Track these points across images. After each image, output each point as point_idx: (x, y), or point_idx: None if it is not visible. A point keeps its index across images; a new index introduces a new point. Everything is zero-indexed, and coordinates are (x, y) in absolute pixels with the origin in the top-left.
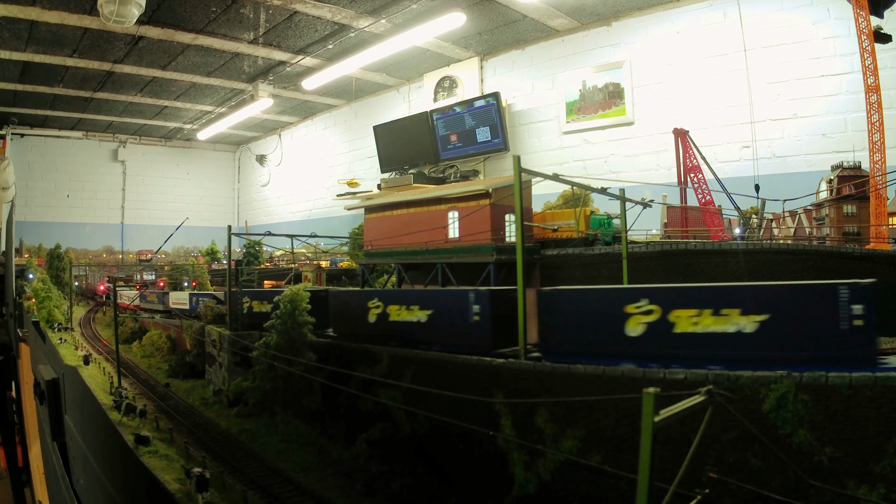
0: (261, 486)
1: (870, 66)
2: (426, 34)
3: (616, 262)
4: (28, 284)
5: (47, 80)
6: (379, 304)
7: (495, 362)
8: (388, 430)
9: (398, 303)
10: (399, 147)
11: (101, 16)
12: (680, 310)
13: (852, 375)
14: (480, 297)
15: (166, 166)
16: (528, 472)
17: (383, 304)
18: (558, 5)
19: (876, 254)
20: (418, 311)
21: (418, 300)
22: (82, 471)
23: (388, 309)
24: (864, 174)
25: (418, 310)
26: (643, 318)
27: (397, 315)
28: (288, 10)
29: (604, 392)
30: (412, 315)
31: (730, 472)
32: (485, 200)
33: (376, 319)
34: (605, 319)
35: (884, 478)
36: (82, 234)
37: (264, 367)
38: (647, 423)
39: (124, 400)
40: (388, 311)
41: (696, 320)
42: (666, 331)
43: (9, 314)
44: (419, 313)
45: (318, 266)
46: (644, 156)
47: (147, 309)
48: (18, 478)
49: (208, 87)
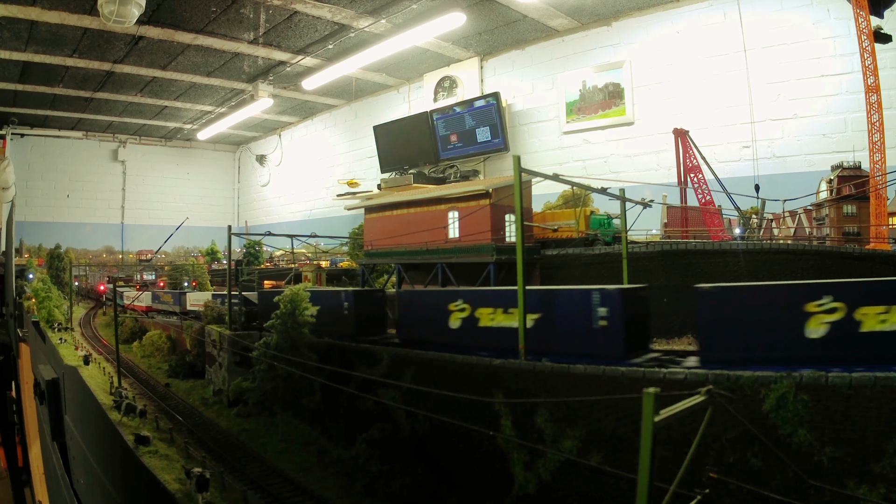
0: (261, 486)
1: (870, 66)
2: (426, 34)
3: (616, 262)
4: (28, 284)
5: (47, 80)
6: (465, 306)
7: (495, 362)
8: (388, 430)
9: (492, 305)
10: (399, 147)
11: (101, 16)
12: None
13: (852, 375)
14: (609, 298)
15: (166, 166)
16: (528, 472)
17: (470, 306)
18: (558, 5)
19: (876, 254)
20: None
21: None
22: (82, 471)
23: (478, 313)
24: (864, 174)
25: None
26: (826, 318)
27: (490, 320)
28: (288, 10)
29: (604, 392)
30: (511, 320)
31: (730, 472)
32: (485, 200)
33: (461, 325)
34: None
35: (884, 478)
36: (82, 234)
37: (264, 367)
38: (647, 423)
39: (124, 400)
40: (476, 315)
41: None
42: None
43: (9, 314)
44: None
45: (318, 266)
46: (644, 156)
47: (161, 311)
48: (18, 478)
49: (208, 87)
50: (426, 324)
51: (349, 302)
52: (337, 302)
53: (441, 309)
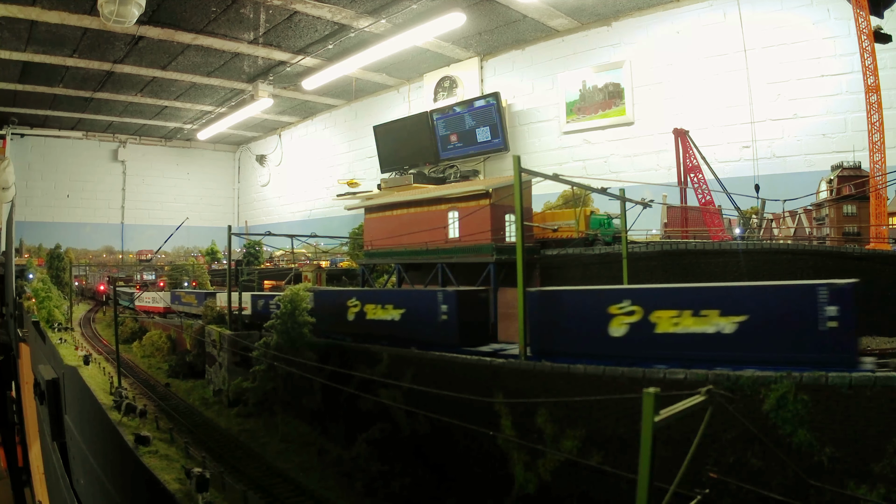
0: (261, 486)
1: (870, 66)
2: (426, 34)
3: (616, 262)
4: (28, 284)
5: (47, 80)
6: (634, 308)
7: (495, 362)
8: (388, 430)
9: (672, 306)
10: (399, 147)
11: (101, 16)
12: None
13: (852, 375)
14: (836, 295)
15: (166, 166)
16: (528, 472)
17: (642, 308)
18: (558, 5)
19: (876, 254)
20: (718, 318)
21: (715, 299)
22: (82, 471)
23: (654, 316)
24: (864, 174)
25: (718, 315)
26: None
27: (672, 325)
28: (288, 10)
29: (604, 392)
30: (704, 324)
31: (730, 472)
32: (485, 200)
33: (628, 331)
34: None
35: (884, 478)
36: (82, 234)
37: (264, 367)
38: (647, 423)
39: (124, 400)
40: (651, 318)
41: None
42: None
43: (9, 314)
44: (719, 320)
45: (318, 266)
46: (644, 156)
47: (183, 313)
48: (18, 478)
49: (208, 87)
50: (574, 331)
51: (449, 304)
52: (428, 304)
53: (597, 312)
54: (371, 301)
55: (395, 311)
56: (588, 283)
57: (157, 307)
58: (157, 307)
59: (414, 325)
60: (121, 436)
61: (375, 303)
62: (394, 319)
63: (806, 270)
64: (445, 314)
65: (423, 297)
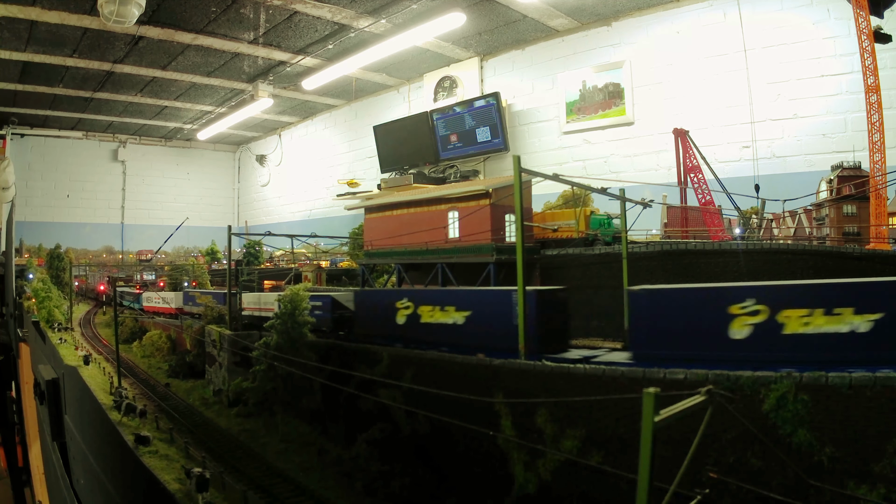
0: (261, 486)
1: (870, 66)
2: (426, 34)
3: (616, 262)
4: (28, 284)
5: (47, 80)
6: (758, 308)
7: (495, 362)
8: (388, 430)
9: (803, 305)
10: (399, 147)
11: (101, 16)
12: None
13: (852, 375)
14: None
15: (166, 166)
16: (528, 472)
17: (768, 307)
18: (558, 5)
19: (876, 254)
20: (853, 317)
21: (849, 296)
22: (82, 471)
23: (782, 316)
24: (864, 174)
25: (852, 314)
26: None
27: (802, 325)
28: (288, 10)
29: (604, 392)
30: (838, 323)
31: (730, 472)
32: (485, 200)
33: (752, 332)
34: None
35: (884, 478)
36: (82, 234)
37: (264, 367)
38: (647, 423)
39: (124, 400)
40: (778, 318)
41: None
42: None
43: (9, 314)
44: (853, 319)
45: (319, 266)
46: (644, 156)
47: (198, 315)
48: (18, 478)
49: (208, 87)
50: (687, 333)
51: (527, 306)
52: (499, 306)
53: (716, 312)
54: (427, 302)
55: (458, 314)
56: (588, 283)
57: (167, 308)
58: (167, 308)
59: (482, 329)
60: (121, 436)
61: (433, 304)
62: (456, 323)
63: (806, 270)
64: None
65: (494, 298)
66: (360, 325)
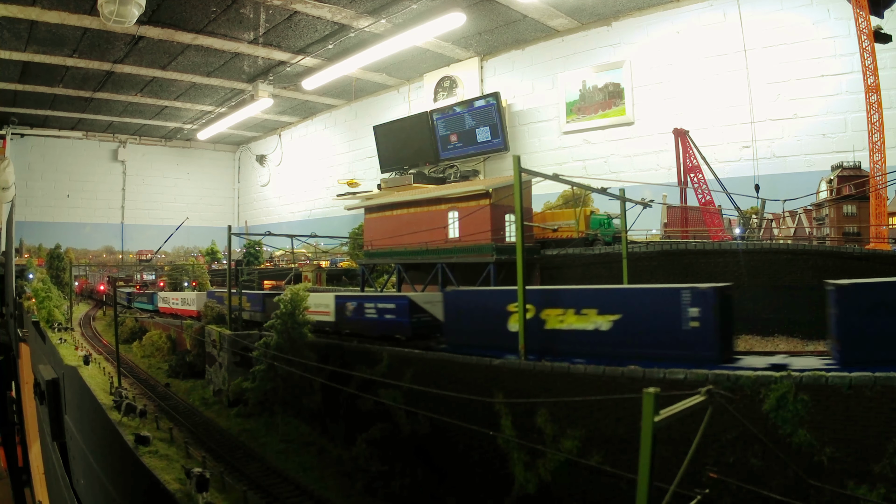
0: (261, 486)
1: (870, 66)
2: (426, 34)
3: (616, 262)
4: (28, 284)
5: (47, 80)
6: None
7: (495, 362)
8: (388, 430)
9: None
10: (399, 147)
11: (101, 16)
12: None
13: (852, 375)
14: None
15: (166, 166)
16: (528, 472)
17: None
18: (558, 5)
19: (876, 254)
20: None
21: None
22: (82, 471)
23: None
24: (864, 174)
25: None
26: None
27: None
28: (288, 10)
29: (604, 392)
30: None
31: (730, 472)
32: (485, 200)
33: None
34: None
35: (884, 478)
36: (82, 234)
37: (264, 367)
38: (647, 423)
39: (124, 400)
40: None
41: None
42: None
43: (9, 314)
44: None
45: (318, 266)
46: (644, 156)
47: None
48: (18, 478)
49: (208, 87)
50: None
51: (702, 306)
52: (661, 307)
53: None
54: (555, 304)
55: (603, 318)
56: (588, 283)
57: (187, 310)
58: (187, 310)
59: (638, 335)
60: (121, 436)
61: (563, 307)
62: (599, 329)
63: (806, 270)
64: (696, 319)
65: (654, 298)
66: (451, 332)
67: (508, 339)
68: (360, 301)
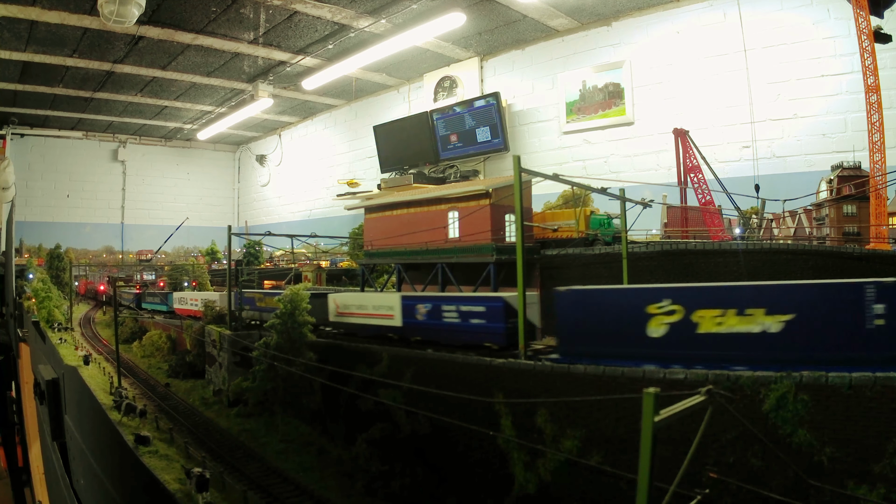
0: (261, 486)
1: (870, 66)
2: (426, 34)
3: (616, 262)
4: (28, 284)
5: (47, 80)
6: None
7: (495, 362)
8: (388, 430)
9: None
10: (399, 147)
11: (101, 16)
12: None
13: (852, 375)
14: None
15: (166, 166)
16: (528, 472)
17: None
18: (558, 5)
19: (876, 254)
20: None
21: None
22: (82, 471)
23: None
24: (864, 174)
25: None
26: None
27: None
28: (288, 10)
29: (604, 392)
30: None
31: (730, 472)
32: (485, 200)
33: None
34: None
35: (884, 478)
36: (82, 234)
37: (264, 367)
38: (647, 423)
39: (124, 400)
40: None
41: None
42: None
43: (9, 314)
44: None
45: (319, 266)
46: (644, 156)
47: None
48: (18, 478)
49: (208, 87)
50: None
51: (888, 302)
52: (839, 304)
53: None
54: (710, 305)
55: (771, 319)
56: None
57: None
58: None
59: (813, 337)
60: (121, 436)
61: (722, 307)
62: (766, 332)
63: (806, 270)
64: (881, 317)
65: (830, 295)
66: (568, 340)
67: (649, 346)
68: (436, 303)
